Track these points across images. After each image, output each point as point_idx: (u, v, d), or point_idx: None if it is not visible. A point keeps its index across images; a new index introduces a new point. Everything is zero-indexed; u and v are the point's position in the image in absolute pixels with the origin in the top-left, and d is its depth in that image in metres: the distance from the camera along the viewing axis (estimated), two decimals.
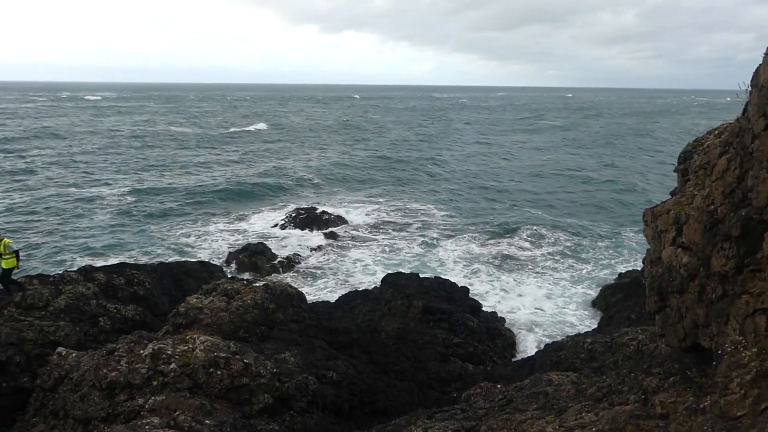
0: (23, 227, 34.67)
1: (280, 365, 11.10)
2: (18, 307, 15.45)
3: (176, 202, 43.17)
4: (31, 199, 42.04)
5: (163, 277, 21.74)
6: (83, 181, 49.96)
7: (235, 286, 14.70)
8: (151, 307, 18.73)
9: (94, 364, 10.44)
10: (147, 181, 51.65)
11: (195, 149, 74.51)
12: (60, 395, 10.35)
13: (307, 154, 73.42)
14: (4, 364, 12.27)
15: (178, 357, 10.24)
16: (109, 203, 42.11)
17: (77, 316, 15.78)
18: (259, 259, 30.02)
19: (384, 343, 16.81)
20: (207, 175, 55.46)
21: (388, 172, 59.85)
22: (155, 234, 35.02)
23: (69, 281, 17.72)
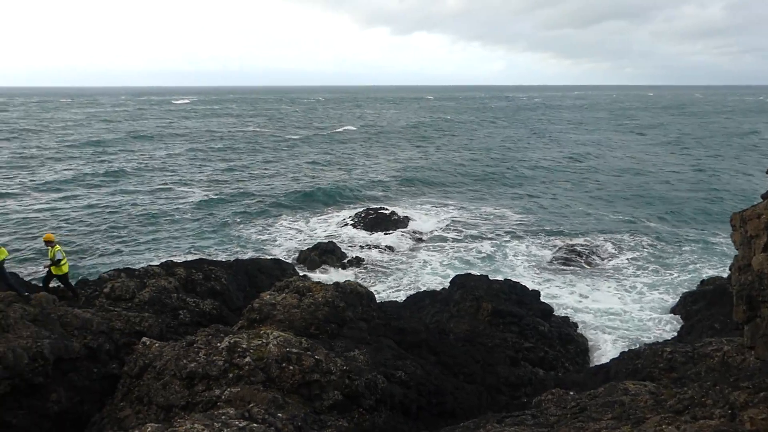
0: (114, 224, 36.85)
1: (350, 363, 11.25)
2: (107, 298, 16.46)
3: (254, 201, 44.68)
4: (121, 198, 44.69)
5: (239, 274, 22.53)
6: (170, 181, 52.55)
7: (306, 283, 15.03)
8: (227, 301, 19.47)
9: (175, 354, 10.96)
10: (228, 181, 53.71)
11: (273, 150, 76.66)
12: (144, 382, 10.92)
13: (383, 154, 73.92)
14: (96, 351, 13.11)
15: (252, 351, 10.59)
16: (191, 202, 44.09)
17: (159, 309, 16.63)
18: (329, 257, 30.58)
19: (452, 344, 16.71)
20: (284, 175, 57.01)
21: (463, 174, 59.15)
22: (232, 232, 36.35)
23: (152, 275, 18.70)
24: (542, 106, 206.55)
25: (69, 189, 47.55)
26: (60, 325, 12.94)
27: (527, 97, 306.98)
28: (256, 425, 8.49)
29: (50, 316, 12.97)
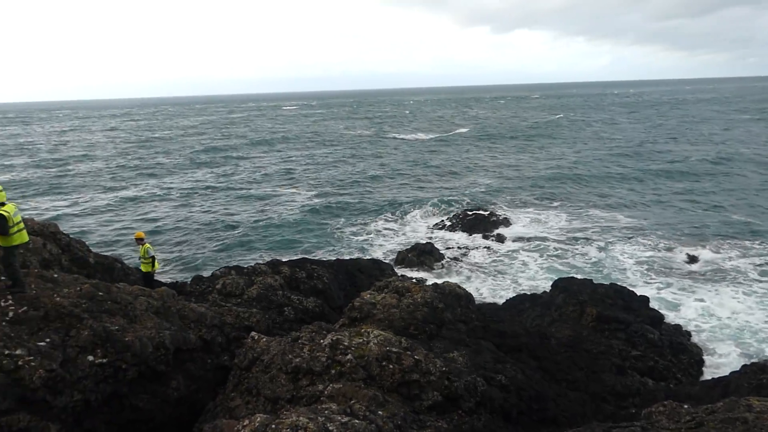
0: (226, 224, 39.13)
1: (449, 364, 11.25)
2: (219, 294, 17.52)
3: (356, 202, 45.77)
4: (234, 200, 47.42)
5: (339, 273, 23.18)
6: (278, 183, 55.05)
7: (405, 284, 15.18)
8: (329, 300, 20.09)
9: (281, 349, 11.47)
10: (332, 182, 55.40)
11: (375, 153, 78.02)
12: (253, 375, 11.52)
13: (489, 155, 73.00)
14: (210, 344, 14.00)
15: (354, 349, 10.87)
16: (297, 203, 45.92)
17: (266, 305, 17.47)
18: (427, 258, 30.66)
19: (554, 350, 16.23)
20: (385, 177, 57.90)
21: (570, 176, 56.47)
22: (334, 232, 37.43)
23: (260, 273, 19.68)
24: (662, 102, 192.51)
25: (188, 191, 51.06)
26: (179, 318, 13.94)
27: (638, 92, 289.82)
28: (358, 422, 8.70)
29: (170, 309, 14.00)
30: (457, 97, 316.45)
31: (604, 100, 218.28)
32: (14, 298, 11.40)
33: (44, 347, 10.63)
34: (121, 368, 11.60)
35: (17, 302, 11.30)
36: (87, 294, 12.50)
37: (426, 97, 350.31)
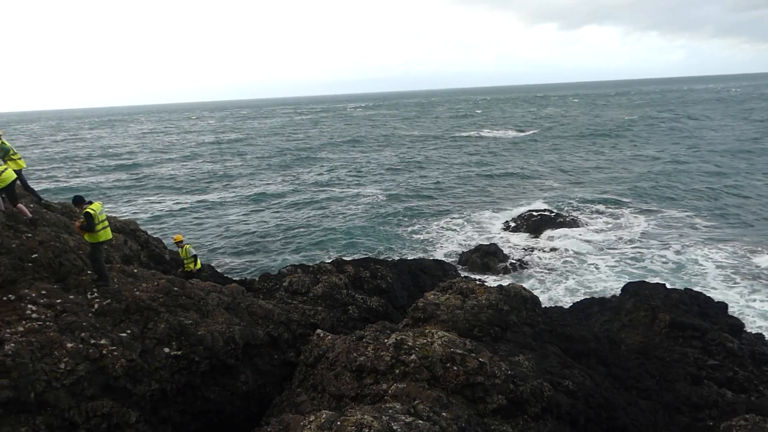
0: (293, 222, 40.06)
1: (515, 368, 11.09)
2: (286, 291, 17.96)
3: (420, 202, 45.80)
4: (302, 199, 48.51)
5: (403, 273, 23.25)
6: (345, 183, 55.89)
7: (470, 285, 15.07)
8: (392, 299, 20.20)
9: (346, 347, 11.64)
10: (396, 182, 55.68)
11: (439, 152, 77.81)
12: (318, 371, 11.76)
13: (556, 154, 71.35)
14: (276, 340, 14.39)
15: (418, 349, 10.90)
16: (363, 202, 46.43)
17: (331, 303, 17.76)
18: (491, 259, 30.27)
19: (624, 356, 15.67)
20: (451, 176, 57.65)
21: (642, 176, 54.14)
22: (399, 232, 37.59)
23: (325, 272, 20.02)
24: (754, 97, 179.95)
25: (257, 192, 52.62)
26: (248, 314, 14.40)
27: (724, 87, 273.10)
28: (422, 422, 8.72)
29: (240, 306, 14.48)
30: (524, 95, 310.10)
31: (687, 96, 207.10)
32: (99, 291, 12.10)
33: (125, 338, 11.23)
34: (194, 361, 12.10)
35: (102, 295, 12.00)
36: (163, 289, 13.11)
37: (491, 96, 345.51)
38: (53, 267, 12.58)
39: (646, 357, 16.25)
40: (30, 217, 13.66)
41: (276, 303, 16.35)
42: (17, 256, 12.02)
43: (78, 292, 12.01)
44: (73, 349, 10.26)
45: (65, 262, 12.86)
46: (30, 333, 10.10)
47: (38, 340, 10.02)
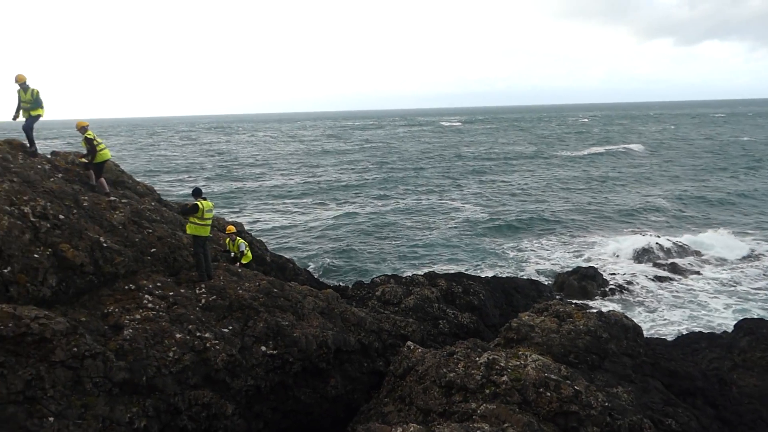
0: (387, 232, 40.60)
1: (612, 400, 10.55)
2: (378, 300, 18.17)
3: (516, 219, 44.91)
4: (398, 210, 49.10)
5: (496, 290, 22.85)
6: (439, 196, 55.95)
7: (566, 308, 14.54)
8: (484, 317, 19.89)
9: (436, 362, 11.59)
10: (493, 197, 54.98)
11: (540, 168, 75.98)
12: (407, 384, 11.78)
13: (668, 176, 67.48)
14: (367, 348, 14.59)
15: (510, 370, 10.65)
16: (460, 216, 46.22)
17: (422, 316, 17.77)
18: (589, 283, 29.01)
19: (736, 399, 14.45)
20: (547, 195, 56.13)
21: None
22: (493, 248, 37.01)
23: (417, 284, 20.07)
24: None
25: (356, 201, 53.87)
26: (341, 320, 14.72)
27: None
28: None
29: (334, 311, 14.83)
30: (633, 113, 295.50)
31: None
32: (206, 288, 12.86)
33: (227, 334, 11.84)
34: (288, 361, 12.53)
35: (209, 291, 12.74)
36: (264, 289, 13.70)
37: (598, 113, 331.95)
38: (168, 261, 13.53)
39: (762, 403, 14.90)
40: (107, 191, 15.15)
41: (368, 311, 16.59)
42: (139, 249, 13.05)
43: (188, 287, 12.83)
44: (181, 339, 10.95)
45: (179, 258, 13.80)
46: (145, 321, 10.90)
47: (152, 328, 10.79)
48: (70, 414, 8.69)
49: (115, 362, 9.69)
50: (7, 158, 13.37)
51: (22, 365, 8.63)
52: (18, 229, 10.67)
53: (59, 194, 12.85)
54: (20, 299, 9.97)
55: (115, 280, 12.04)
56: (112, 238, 12.73)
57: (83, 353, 9.26)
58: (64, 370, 8.99)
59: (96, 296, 11.45)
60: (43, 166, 14.45)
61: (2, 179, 11.85)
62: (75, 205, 12.89)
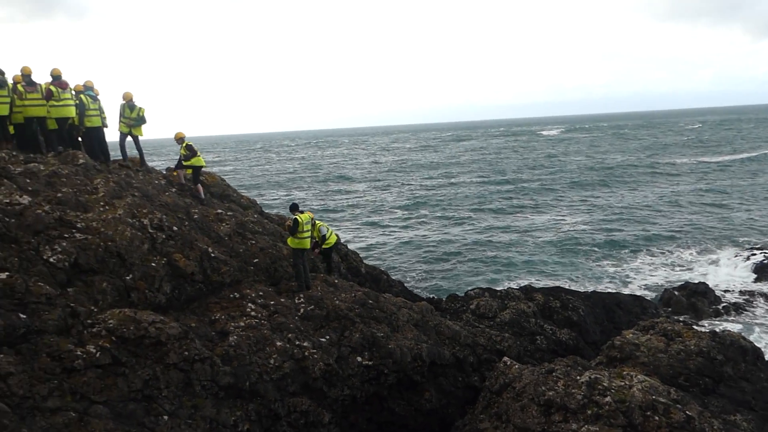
0: (484, 243, 40.12)
1: (730, 429, 9.77)
2: (473, 314, 17.97)
3: (618, 230, 42.91)
4: (491, 218, 48.45)
5: (596, 306, 21.89)
6: (535, 207, 54.63)
7: (675, 327, 13.68)
8: (583, 333, 19.11)
9: (534, 379, 11.27)
10: (597, 207, 52.90)
11: (646, 179, 72.16)
12: (503, 400, 11.54)
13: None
14: (462, 362, 14.45)
15: (614, 391, 10.16)
16: (558, 227, 44.85)
17: (518, 331, 17.36)
18: (700, 300, 27.05)
19: None
20: (661, 205, 53.18)
21: None
22: (592, 260, 35.53)
23: (513, 298, 19.65)
24: None
25: (447, 212, 53.81)
26: (435, 333, 14.69)
27: None
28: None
29: (428, 324, 14.83)
30: (750, 116, 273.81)
31: None
32: (305, 297, 13.29)
33: (324, 343, 12.17)
34: (383, 372, 12.66)
35: (307, 301, 13.16)
36: (360, 300, 13.96)
37: (709, 117, 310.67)
38: (269, 271, 14.14)
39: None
40: (202, 198, 16.19)
41: (463, 325, 16.44)
42: (243, 259, 13.75)
43: (288, 296, 13.32)
44: (281, 347, 11.38)
45: (279, 268, 14.38)
46: (248, 329, 11.43)
47: (255, 335, 11.30)
48: (182, 414, 9.26)
49: (221, 367, 10.22)
50: (130, 174, 14.57)
51: (140, 365, 9.31)
52: (138, 240, 11.58)
53: (173, 207, 13.82)
54: (139, 304, 10.78)
55: (221, 288, 12.74)
56: (219, 248, 13.50)
57: (193, 357, 9.85)
58: (177, 372, 9.60)
59: (204, 303, 12.15)
60: (160, 181, 15.61)
61: (126, 193, 12.93)
62: (187, 218, 13.80)
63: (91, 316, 9.68)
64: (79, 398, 8.38)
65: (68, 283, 10.11)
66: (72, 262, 10.25)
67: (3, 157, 12.07)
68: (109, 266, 10.82)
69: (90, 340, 9.16)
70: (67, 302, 9.61)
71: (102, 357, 8.93)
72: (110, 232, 11.23)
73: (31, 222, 10.34)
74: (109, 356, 9.02)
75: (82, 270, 10.46)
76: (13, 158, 12.31)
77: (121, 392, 8.81)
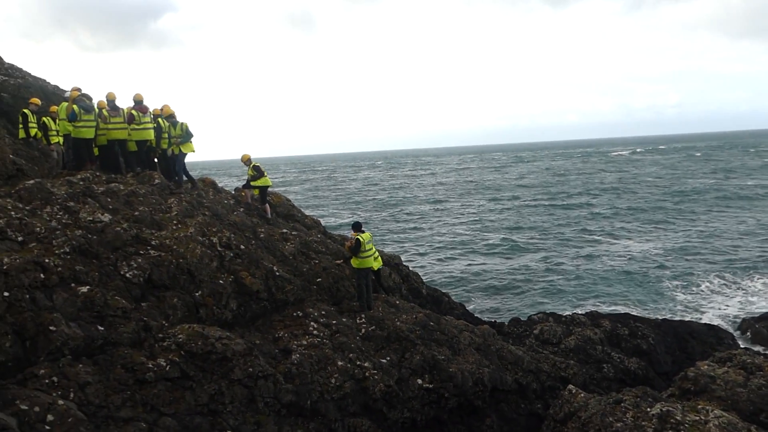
0: (547, 266, 39.21)
1: None
2: (536, 339, 17.54)
3: (692, 258, 40.94)
4: (556, 241, 47.36)
5: (667, 335, 20.90)
6: (610, 230, 52.95)
7: (755, 360, 12.87)
8: (653, 363, 18.27)
9: (601, 409, 10.85)
10: (668, 231, 50.83)
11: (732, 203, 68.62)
12: (568, 430, 11.16)
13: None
14: (525, 388, 14.09)
15: (687, 426, 9.63)
16: (627, 251, 43.30)
17: (584, 358, 16.80)
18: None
19: None
20: (738, 231, 50.46)
21: None
22: (663, 285, 34.01)
23: (578, 323, 19.06)
24: None
25: (524, 234, 52.97)
26: (497, 358, 14.41)
27: None
28: None
29: (490, 348, 14.58)
30: None
31: None
32: (366, 318, 13.37)
33: (385, 364, 12.16)
34: (443, 396, 12.51)
35: (368, 321, 13.23)
36: (420, 322, 13.90)
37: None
38: (332, 291, 14.33)
39: None
40: (269, 217, 16.74)
41: (526, 350, 16.07)
42: (306, 278, 14.00)
43: (349, 316, 13.44)
44: (342, 367, 11.46)
45: (341, 288, 14.55)
46: (311, 347, 11.59)
47: (317, 354, 11.44)
48: (245, 429, 9.46)
49: (284, 384, 10.39)
50: (201, 194, 15.19)
51: (207, 380, 9.59)
52: (208, 257, 12.02)
53: (241, 226, 14.28)
54: (207, 320, 11.14)
55: (285, 306, 13.00)
56: (283, 267, 13.82)
57: (257, 374, 10.06)
58: (241, 388, 9.83)
59: (268, 321, 12.43)
60: (228, 201, 16.18)
61: (197, 213, 13.48)
62: (253, 237, 14.23)
63: (162, 331, 10.09)
64: (149, 409, 8.72)
65: (142, 297, 10.59)
66: (146, 278, 10.75)
67: (88, 177, 12.85)
68: (180, 282, 11.27)
69: (161, 353, 9.54)
70: (141, 316, 10.06)
71: (171, 370, 9.27)
72: (182, 249, 11.71)
73: (110, 239, 10.93)
74: (178, 370, 9.35)
75: (155, 285, 10.94)
76: (96, 178, 13.09)
77: (188, 405, 9.09)
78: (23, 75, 21.64)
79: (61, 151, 15.57)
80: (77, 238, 10.36)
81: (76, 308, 9.20)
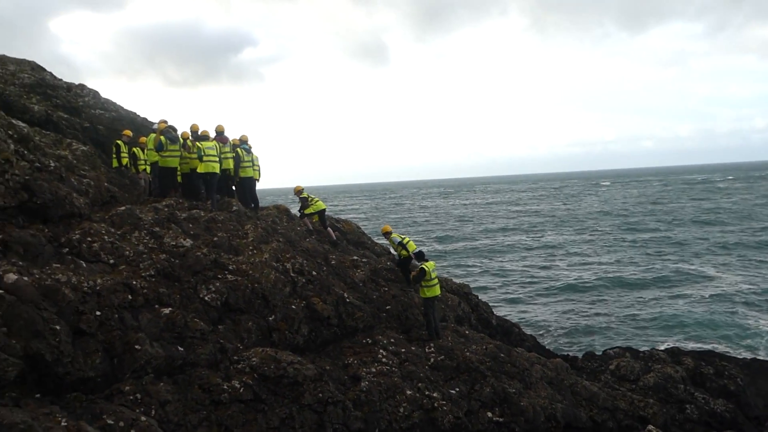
0: (622, 300, 37.63)
1: None
2: (612, 375, 16.80)
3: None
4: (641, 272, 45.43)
5: (758, 376, 19.48)
6: (703, 263, 50.31)
7: None
8: (742, 406, 17.03)
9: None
10: (752, 266, 47.76)
11: None
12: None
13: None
14: (600, 426, 13.50)
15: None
16: (713, 287, 40.93)
17: (664, 397, 15.91)
18: None
19: None
20: None
21: None
22: (751, 323, 31.85)
23: (658, 360, 18.12)
24: None
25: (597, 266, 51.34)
26: (571, 393, 13.91)
27: None
28: None
29: (563, 383, 14.10)
30: None
31: None
32: (435, 347, 13.28)
33: (454, 395, 12.00)
34: (514, 431, 12.17)
35: (437, 351, 13.13)
36: (491, 353, 13.66)
37: None
38: (401, 319, 14.34)
39: None
40: (333, 240, 17.07)
41: (601, 386, 15.42)
42: (376, 306, 14.10)
43: (418, 345, 13.39)
44: (411, 396, 11.40)
45: (410, 316, 14.54)
46: (380, 375, 11.61)
47: (385, 382, 11.44)
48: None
49: (353, 411, 10.44)
50: (276, 221, 15.70)
51: (278, 404, 9.79)
52: (281, 283, 12.36)
53: (313, 253, 14.62)
54: (280, 344, 11.41)
55: (354, 333, 13.12)
56: (353, 294, 13.99)
57: (327, 399, 10.17)
58: (311, 413, 9.96)
59: (338, 347, 12.57)
60: (301, 228, 16.61)
61: (272, 239, 13.92)
62: (325, 263, 14.52)
63: (237, 353, 10.42)
64: (224, 430, 8.98)
65: (219, 320, 10.99)
66: (223, 301, 11.17)
67: (172, 204, 13.58)
68: (254, 306, 11.63)
69: (235, 375, 9.84)
70: (218, 338, 10.44)
71: (245, 392, 9.54)
72: (257, 274, 12.11)
73: (191, 263, 11.47)
74: (251, 392, 9.60)
75: (231, 309, 11.35)
76: (179, 205, 13.81)
77: (260, 428, 9.29)
78: (116, 108, 23.28)
79: (148, 179, 16.59)
80: (161, 261, 10.93)
81: (158, 329, 9.67)
